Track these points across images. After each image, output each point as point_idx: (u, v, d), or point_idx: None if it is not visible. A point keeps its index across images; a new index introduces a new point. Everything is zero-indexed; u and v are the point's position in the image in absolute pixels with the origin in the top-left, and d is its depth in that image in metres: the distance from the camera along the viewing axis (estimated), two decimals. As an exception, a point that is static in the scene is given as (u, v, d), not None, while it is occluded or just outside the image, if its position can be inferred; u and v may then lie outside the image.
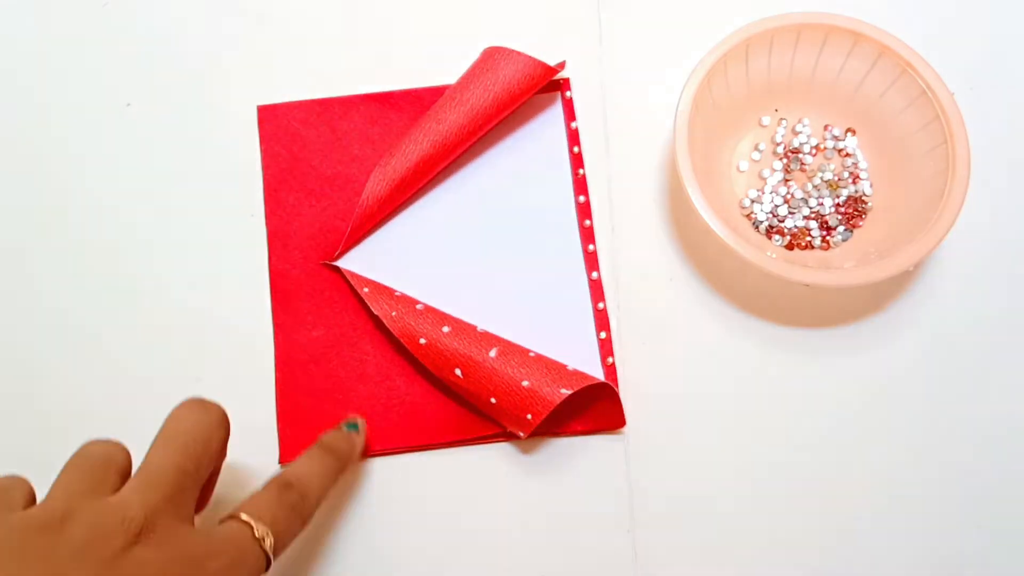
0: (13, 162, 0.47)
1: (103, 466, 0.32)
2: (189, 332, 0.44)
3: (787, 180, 0.46)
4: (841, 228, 0.44)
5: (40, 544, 0.28)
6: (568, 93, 0.47)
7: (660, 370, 0.43)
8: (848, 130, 0.46)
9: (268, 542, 0.32)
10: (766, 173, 0.46)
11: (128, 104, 0.48)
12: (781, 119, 0.47)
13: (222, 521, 0.33)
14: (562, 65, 0.46)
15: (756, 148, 0.46)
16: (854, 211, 0.45)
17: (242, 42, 0.49)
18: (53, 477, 0.31)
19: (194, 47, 0.49)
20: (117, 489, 0.31)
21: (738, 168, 0.46)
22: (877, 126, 0.45)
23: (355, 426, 0.41)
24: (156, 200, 0.46)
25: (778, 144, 0.46)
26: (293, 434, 0.42)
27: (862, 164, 0.46)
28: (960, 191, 0.40)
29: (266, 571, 0.33)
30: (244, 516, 0.33)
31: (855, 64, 0.44)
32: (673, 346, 0.44)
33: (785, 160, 0.46)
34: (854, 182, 0.45)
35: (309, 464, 0.37)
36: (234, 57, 0.49)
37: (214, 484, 0.36)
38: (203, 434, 0.33)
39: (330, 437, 0.39)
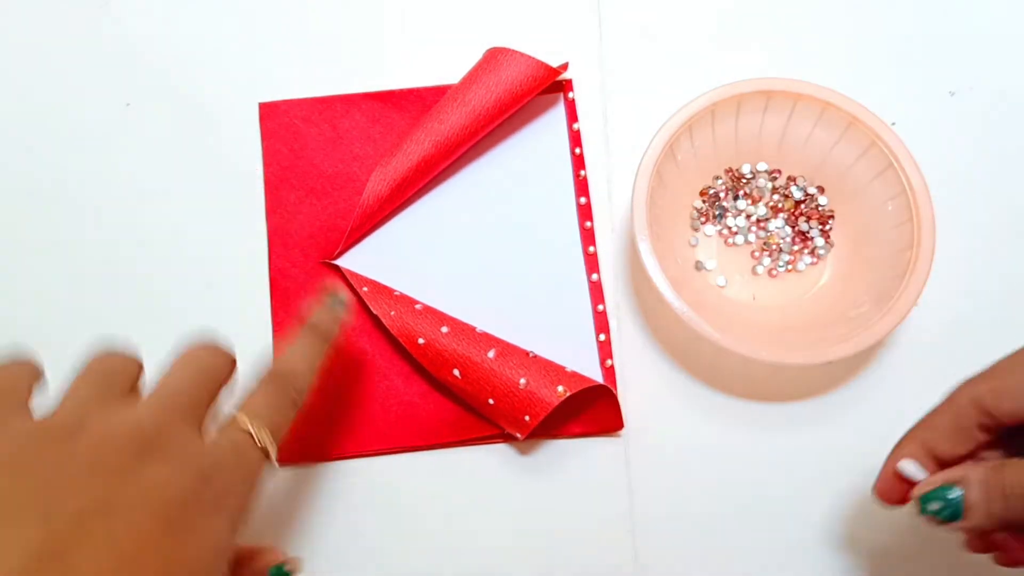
0: (13, 162, 0.47)
1: (113, 376, 0.33)
2: (189, 330, 0.44)
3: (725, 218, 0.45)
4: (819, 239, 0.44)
5: (51, 456, 0.28)
6: (571, 94, 0.47)
7: (659, 372, 0.43)
8: (819, 188, 0.45)
9: (272, 451, 0.33)
10: (709, 230, 0.45)
11: (128, 104, 0.48)
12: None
13: (224, 429, 0.33)
14: (565, 67, 0.46)
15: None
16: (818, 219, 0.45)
17: (243, 39, 0.49)
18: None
19: (194, 45, 0.49)
20: (127, 397, 0.32)
21: (704, 233, 0.45)
22: (845, 195, 0.44)
23: (342, 302, 0.40)
24: (156, 200, 0.46)
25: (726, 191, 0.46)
26: (292, 432, 0.42)
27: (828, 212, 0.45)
28: (924, 268, 0.39)
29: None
30: (245, 423, 0.33)
31: (823, 133, 0.43)
32: (673, 349, 0.43)
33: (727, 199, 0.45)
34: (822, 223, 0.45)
35: (302, 351, 0.37)
36: (235, 55, 0.49)
37: None
38: (215, 366, 0.35)
39: (318, 317, 0.39)
